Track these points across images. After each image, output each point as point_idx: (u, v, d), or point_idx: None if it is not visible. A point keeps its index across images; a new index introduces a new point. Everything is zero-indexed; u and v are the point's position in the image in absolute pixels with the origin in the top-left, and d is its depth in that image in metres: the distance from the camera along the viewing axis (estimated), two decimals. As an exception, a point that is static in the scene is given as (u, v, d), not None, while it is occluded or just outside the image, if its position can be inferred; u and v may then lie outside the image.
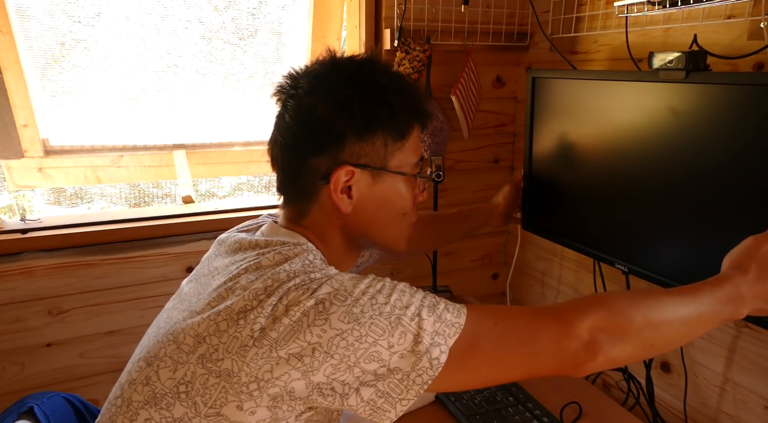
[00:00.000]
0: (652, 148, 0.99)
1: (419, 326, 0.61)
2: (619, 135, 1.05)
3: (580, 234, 1.19)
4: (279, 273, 0.65)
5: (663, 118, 0.96)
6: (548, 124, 1.22)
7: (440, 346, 0.62)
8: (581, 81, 1.12)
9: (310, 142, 0.72)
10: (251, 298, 0.63)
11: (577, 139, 1.15)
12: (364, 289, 0.63)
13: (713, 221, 0.90)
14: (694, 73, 0.90)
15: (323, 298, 0.61)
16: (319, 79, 0.74)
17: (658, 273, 1.00)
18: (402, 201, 0.77)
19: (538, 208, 1.29)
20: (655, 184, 0.99)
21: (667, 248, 0.99)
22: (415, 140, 0.77)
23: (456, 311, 0.65)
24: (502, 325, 0.66)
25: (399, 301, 0.63)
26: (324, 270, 0.67)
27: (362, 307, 0.61)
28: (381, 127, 0.72)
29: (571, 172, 1.18)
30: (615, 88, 1.05)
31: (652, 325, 0.68)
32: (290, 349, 0.59)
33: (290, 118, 0.73)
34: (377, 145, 0.73)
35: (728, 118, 0.86)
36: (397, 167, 0.75)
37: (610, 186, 1.09)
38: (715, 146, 0.89)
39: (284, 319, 0.60)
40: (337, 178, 0.71)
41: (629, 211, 1.06)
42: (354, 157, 0.72)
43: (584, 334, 0.64)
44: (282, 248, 0.70)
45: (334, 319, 0.60)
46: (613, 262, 1.09)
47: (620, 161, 1.06)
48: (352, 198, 0.73)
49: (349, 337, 0.59)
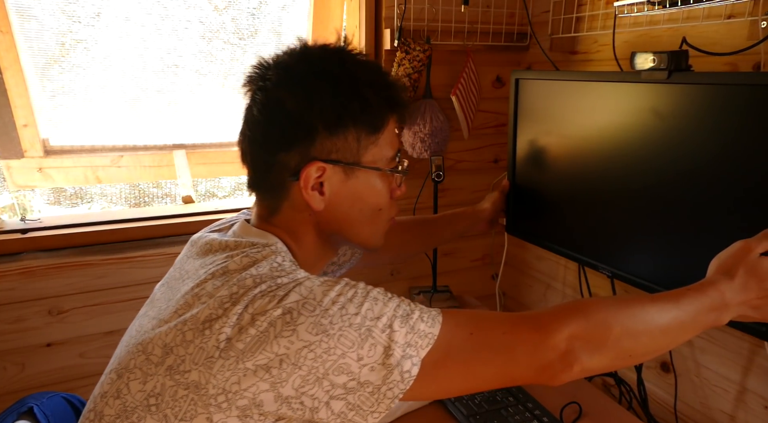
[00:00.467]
0: (635, 150, 0.98)
1: (390, 338, 0.59)
2: (603, 137, 1.04)
3: (564, 238, 1.18)
4: (245, 279, 0.62)
5: (646, 119, 0.95)
6: (532, 127, 1.21)
7: (412, 358, 0.60)
8: (564, 82, 1.11)
9: (279, 138, 0.69)
10: (216, 306, 0.60)
11: (561, 142, 1.14)
12: (334, 298, 0.60)
13: (698, 225, 0.89)
14: (677, 74, 0.88)
15: (291, 307, 0.59)
16: (288, 71, 0.70)
17: (642, 277, 0.99)
18: (377, 197, 0.75)
19: (523, 212, 1.28)
20: (638, 187, 0.98)
21: (651, 252, 0.98)
22: (390, 133, 0.74)
23: (431, 321, 0.62)
24: (477, 335, 0.64)
25: (370, 311, 0.60)
26: (292, 274, 0.64)
27: (331, 317, 0.58)
28: (353, 121, 0.69)
29: (555, 175, 1.17)
30: (598, 90, 1.04)
31: (631, 335, 0.66)
32: (257, 361, 0.56)
33: (258, 111, 0.70)
34: (349, 140, 0.70)
35: (712, 120, 0.85)
36: (371, 162, 0.72)
37: (593, 189, 1.08)
38: (699, 148, 0.87)
39: (250, 329, 0.58)
40: (307, 175, 0.69)
41: (613, 214, 1.04)
42: (325, 153, 0.69)
43: (561, 345, 0.63)
44: (250, 250, 0.67)
45: (302, 330, 0.57)
46: (597, 267, 1.08)
47: (603, 164, 1.05)
48: (324, 194, 0.70)
49: (317, 349, 0.57)
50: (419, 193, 1.49)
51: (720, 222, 0.86)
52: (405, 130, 1.40)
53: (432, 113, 1.38)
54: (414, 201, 1.49)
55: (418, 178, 1.49)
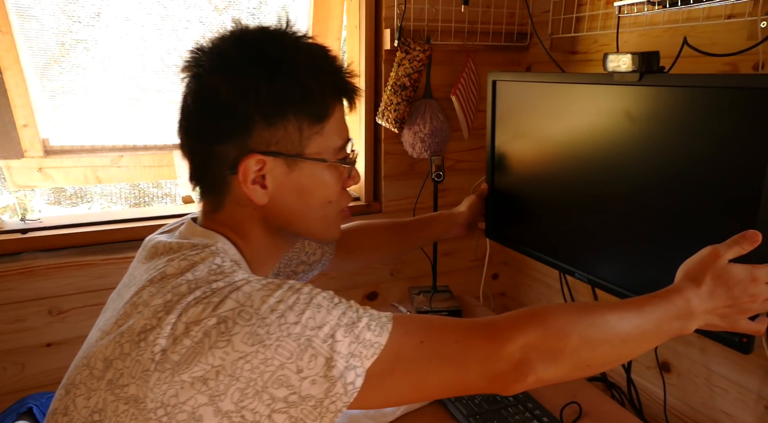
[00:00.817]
0: (608, 154, 0.96)
1: (332, 349, 0.56)
2: (577, 141, 1.02)
3: (541, 243, 1.16)
4: (180, 285, 0.59)
5: (619, 123, 0.93)
6: (509, 129, 1.19)
7: (356, 368, 0.57)
8: (540, 84, 1.09)
9: (214, 129, 0.65)
10: (151, 315, 0.57)
11: (537, 145, 1.12)
12: (273, 305, 0.56)
13: (671, 231, 0.87)
14: (648, 75, 0.86)
15: (226, 316, 0.55)
16: (222, 57, 0.65)
17: (617, 284, 0.98)
18: (325, 189, 0.70)
19: (501, 216, 1.25)
20: (612, 192, 0.97)
21: (626, 259, 0.96)
22: (337, 122, 0.70)
23: (378, 329, 0.59)
24: (428, 343, 0.61)
25: (312, 320, 0.56)
26: (229, 276, 0.60)
27: (268, 327, 0.55)
28: (293, 110, 0.65)
29: (532, 179, 1.16)
30: (573, 92, 1.02)
31: (590, 345, 0.64)
32: (193, 373, 0.53)
33: (192, 101, 0.66)
34: (290, 130, 0.65)
35: (686, 123, 0.82)
36: (316, 154, 0.68)
37: (568, 194, 1.06)
38: (672, 153, 0.85)
39: (185, 340, 0.55)
40: (245, 168, 0.64)
41: (588, 219, 1.03)
42: (264, 145, 0.65)
43: (515, 354, 0.61)
44: (189, 253, 0.64)
45: (237, 340, 0.54)
46: (574, 273, 1.07)
47: (578, 168, 1.03)
48: (267, 188, 0.66)
49: (254, 360, 0.54)
50: (419, 193, 1.49)
51: (693, 228, 0.84)
52: (405, 130, 1.40)
53: (432, 113, 1.38)
54: (414, 201, 1.49)
55: (418, 178, 1.49)
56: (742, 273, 0.71)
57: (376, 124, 1.45)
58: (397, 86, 1.35)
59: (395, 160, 1.47)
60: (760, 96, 0.73)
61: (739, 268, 0.71)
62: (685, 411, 1.16)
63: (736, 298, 0.70)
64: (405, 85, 1.34)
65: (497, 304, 1.72)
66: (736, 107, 0.76)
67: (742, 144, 0.76)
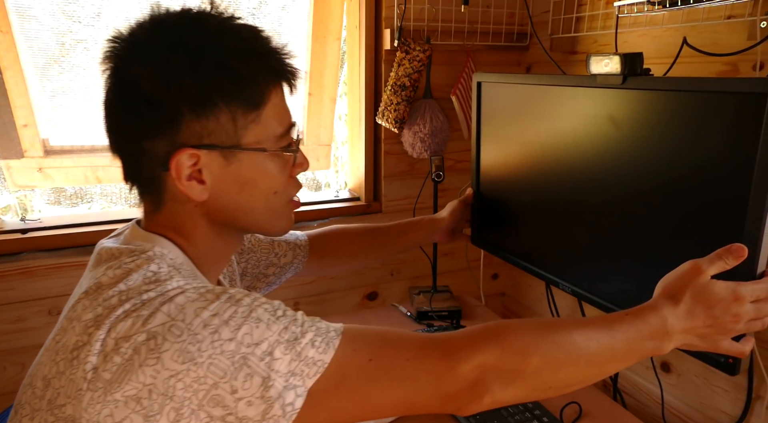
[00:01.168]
0: (591, 161, 0.92)
1: (270, 367, 0.52)
2: (561, 147, 0.99)
3: (526, 252, 1.12)
4: (111, 297, 0.55)
5: (602, 128, 0.89)
6: (495, 133, 1.16)
7: (296, 388, 0.53)
8: (524, 86, 1.05)
9: (139, 124, 0.60)
10: (81, 331, 0.54)
11: (522, 150, 1.09)
12: (206, 319, 0.53)
13: (657, 243, 0.83)
14: (632, 78, 0.82)
15: (155, 331, 0.52)
16: (140, 46, 0.60)
17: (601, 297, 0.95)
18: (269, 180, 0.66)
19: (486, 223, 1.22)
20: (595, 201, 0.93)
21: (611, 270, 0.93)
22: (276, 107, 0.64)
23: (324, 345, 0.55)
24: (377, 361, 0.57)
25: (248, 336, 0.53)
26: (162, 285, 0.56)
27: (200, 344, 0.51)
28: (223, 99, 0.60)
29: (517, 185, 1.12)
30: (558, 95, 0.98)
31: (552, 366, 0.60)
32: (126, 391, 0.50)
33: (113, 96, 0.62)
34: (222, 121, 0.60)
35: (670, 129, 0.79)
36: (254, 143, 0.63)
37: (553, 202, 1.03)
38: (656, 160, 0.81)
39: (115, 357, 0.51)
40: (177, 164, 0.60)
41: (572, 229, 0.99)
42: (195, 138, 0.60)
43: (470, 374, 0.58)
44: (126, 260, 0.60)
45: (167, 358, 0.51)
46: (558, 284, 1.04)
47: (562, 175, 0.99)
48: (205, 183, 0.62)
49: (186, 378, 0.50)
50: (419, 193, 1.49)
51: (678, 240, 0.80)
52: (405, 130, 1.40)
53: (432, 113, 1.38)
54: (414, 201, 1.49)
55: (418, 178, 1.49)
56: (724, 291, 0.66)
57: (376, 124, 1.45)
58: (397, 86, 1.35)
59: (395, 160, 1.47)
60: (746, 101, 0.69)
61: (721, 286, 0.67)
62: (684, 411, 1.16)
63: (717, 317, 0.66)
64: (405, 85, 1.34)
65: (497, 304, 1.72)
66: (722, 112, 0.72)
67: (727, 151, 0.72)
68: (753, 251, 0.69)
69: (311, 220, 1.43)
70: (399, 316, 1.42)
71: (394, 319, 1.40)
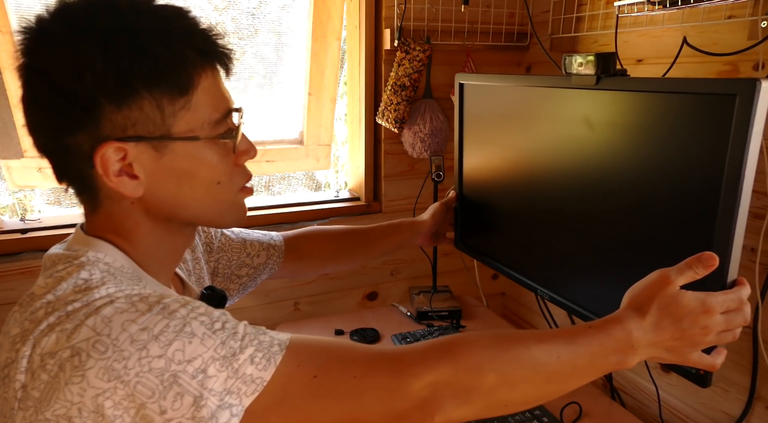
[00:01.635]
0: (567, 164, 0.90)
1: (203, 386, 0.49)
2: (539, 149, 0.97)
3: (506, 257, 1.10)
4: (38, 310, 0.53)
5: (578, 130, 0.87)
6: (476, 135, 1.14)
7: (232, 407, 0.50)
8: (505, 87, 1.04)
9: (57, 120, 0.56)
10: (9, 347, 0.52)
11: (503, 153, 1.07)
12: (134, 334, 0.49)
13: (632, 249, 0.81)
14: (606, 79, 0.81)
15: (80, 347, 0.49)
16: (48, 36, 0.55)
17: (578, 304, 0.93)
18: (209, 170, 0.61)
19: (469, 226, 1.21)
20: (571, 206, 0.91)
21: (587, 278, 0.91)
22: (208, 92, 0.59)
23: (264, 361, 0.52)
24: (323, 378, 0.54)
25: (179, 353, 0.49)
26: (90, 294, 0.52)
27: (126, 361, 0.48)
28: (145, 86, 0.55)
29: (497, 188, 1.10)
30: (535, 96, 0.96)
31: (508, 383, 0.58)
32: (55, 410, 0.48)
33: (27, 91, 0.58)
34: (147, 110, 0.56)
35: (642, 131, 0.76)
36: (186, 132, 0.58)
37: (531, 206, 1.01)
38: (630, 164, 0.79)
39: (42, 375, 0.49)
40: (103, 160, 0.56)
41: (550, 234, 0.97)
42: (118, 130, 0.55)
43: (421, 392, 0.55)
44: (58, 267, 0.57)
45: (92, 376, 0.48)
46: (537, 290, 1.02)
47: (540, 179, 0.98)
48: (138, 178, 0.58)
49: (114, 396, 0.48)
50: (419, 193, 1.49)
51: (654, 247, 0.78)
52: (405, 130, 1.40)
53: (432, 113, 1.38)
54: (414, 201, 1.49)
55: (418, 178, 1.49)
56: (693, 302, 0.63)
57: (376, 124, 1.45)
58: (397, 86, 1.35)
59: (395, 160, 1.47)
60: (716, 102, 0.67)
61: (690, 297, 0.64)
62: (684, 411, 1.16)
63: (686, 330, 0.63)
64: (405, 85, 1.34)
65: (497, 304, 1.72)
66: (692, 114, 0.70)
67: (697, 155, 0.70)
68: (723, 260, 0.66)
69: (311, 220, 1.43)
70: (399, 316, 1.42)
71: (394, 319, 1.40)
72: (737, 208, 0.65)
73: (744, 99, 0.63)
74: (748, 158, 0.64)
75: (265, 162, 1.47)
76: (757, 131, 0.63)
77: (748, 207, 0.66)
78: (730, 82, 0.65)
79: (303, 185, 1.67)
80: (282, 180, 1.64)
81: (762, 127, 0.63)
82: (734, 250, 0.67)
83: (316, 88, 1.47)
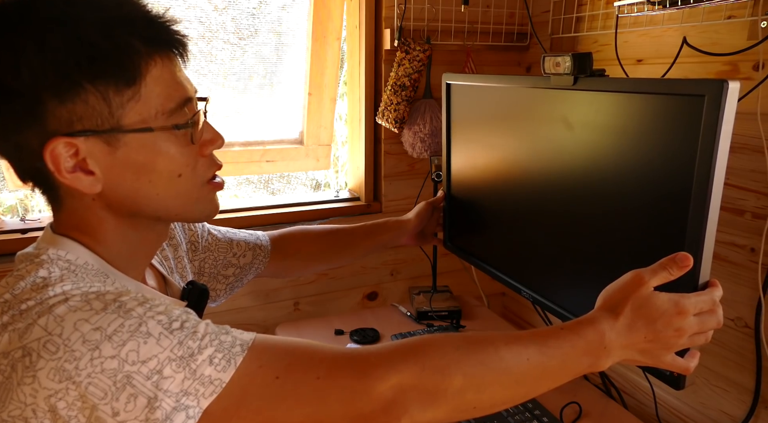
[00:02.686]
0: (547, 164, 0.90)
1: (157, 387, 0.48)
2: (521, 150, 0.98)
3: (492, 257, 1.11)
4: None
5: (557, 131, 0.87)
6: (463, 135, 1.14)
7: (188, 409, 0.49)
8: (489, 87, 1.04)
9: (1, 119, 0.55)
10: None
11: (488, 153, 1.08)
12: (87, 334, 0.48)
13: (608, 251, 0.81)
14: (583, 79, 0.80)
15: (31, 347, 0.48)
16: None
17: (562, 306, 0.93)
18: (167, 162, 0.59)
19: (457, 226, 1.21)
20: (552, 207, 0.91)
21: (568, 278, 0.91)
22: (159, 81, 0.57)
23: (224, 362, 0.51)
24: (285, 379, 0.53)
25: (133, 353, 0.48)
26: (44, 292, 0.51)
27: (78, 361, 0.47)
28: (87, 78, 0.53)
29: (482, 189, 1.11)
30: (518, 97, 0.96)
31: (476, 386, 0.57)
32: (11, 411, 0.48)
33: None
34: (92, 102, 0.54)
35: (618, 131, 0.76)
36: (138, 123, 0.56)
37: (514, 206, 1.01)
38: (605, 164, 0.79)
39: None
40: (52, 156, 0.54)
41: (532, 235, 0.98)
42: (65, 126, 0.54)
43: (386, 394, 0.54)
44: (19, 266, 0.57)
45: (43, 376, 0.47)
46: (521, 291, 1.02)
47: (522, 179, 0.98)
48: (94, 174, 0.56)
49: (67, 397, 0.47)
50: (419, 193, 1.49)
51: (632, 248, 0.77)
52: (405, 130, 1.40)
53: (432, 113, 1.38)
54: (414, 201, 1.49)
55: (418, 178, 1.49)
56: (666, 303, 0.63)
57: (376, 124, 1.45)
58: (397, 86, 1.35)
59: (395, 160, 1.47)
60: (686, 103, 0.66)
61: (664, 298, 0.63)
62: (684, 411, 1.16)
63: (659, 331, 0.62)
64: (405, 85, 1.34)
65: (498, 304, 1.72)
66: (665, 115, 0.70)
67: (669, 156, 0.70)
68: (695, 261, 0.65)
69: (311, 220, 1.43)
70: (399, 316, 1.42)
71: (394, 319, 1.40)
72: (707, 209, 0.65)
73: (712, 100, 0.63)
74: (717, 158, 0.64)
75: (265, 162, 1.47)
76: (726, 131, 0.63)
77: (719, 208, 0.66)
78: (699, 82, 0.65)
79: (303, 185, 1.68)
80: (281, 179, 1.64)
81: (731, 127, 0.63)
82: (706, 251, 0.67)
83: (316, 88, 1.47)
